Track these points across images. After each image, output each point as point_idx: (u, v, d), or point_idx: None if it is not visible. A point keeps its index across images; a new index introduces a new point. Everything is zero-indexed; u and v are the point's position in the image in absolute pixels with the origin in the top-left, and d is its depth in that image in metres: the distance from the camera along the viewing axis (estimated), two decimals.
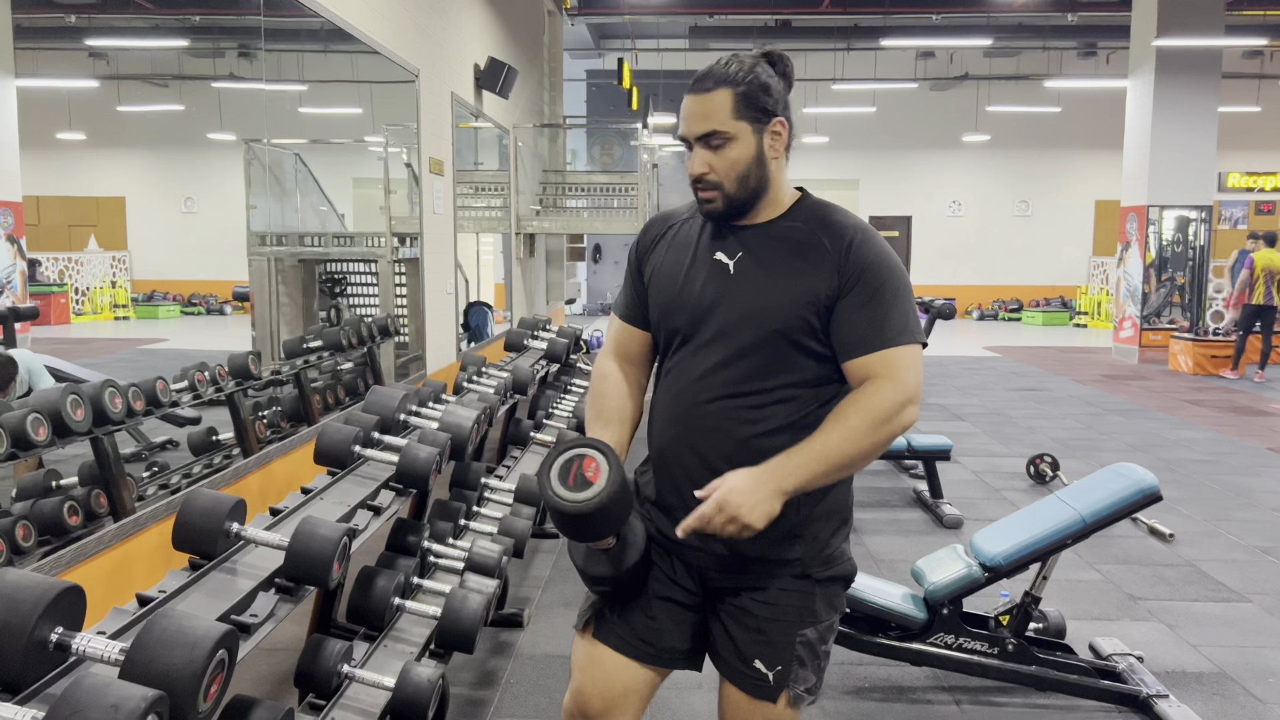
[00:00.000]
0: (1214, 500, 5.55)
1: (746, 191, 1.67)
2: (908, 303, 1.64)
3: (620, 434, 1.80)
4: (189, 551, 2.09)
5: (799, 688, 1.69)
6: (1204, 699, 3.11)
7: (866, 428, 1.58)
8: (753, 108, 1.64)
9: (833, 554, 1.72)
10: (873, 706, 3.06)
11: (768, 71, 1.67)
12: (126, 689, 1.29)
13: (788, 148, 1.70)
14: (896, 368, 1.61)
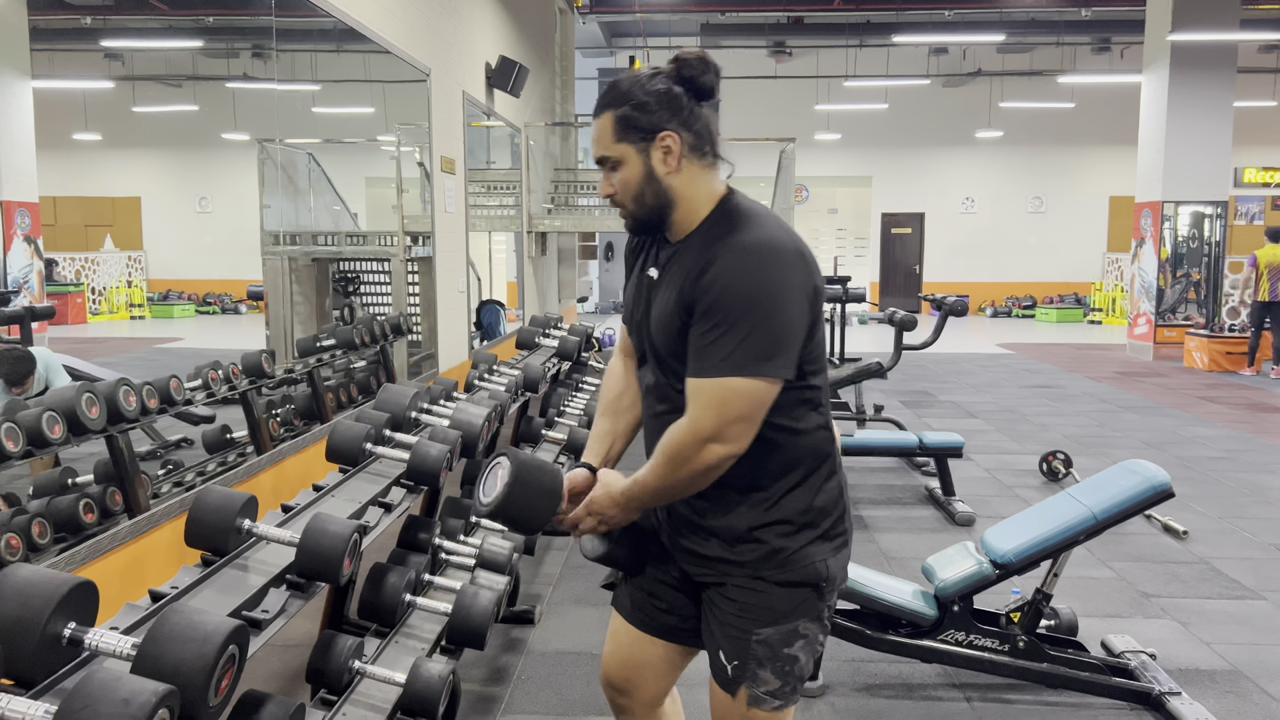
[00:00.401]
0: (1229, 498, 5.51)
1: (646, 209, 1.68)
2: (748, 332, 1.54)
3: (615, 424, 1.90)
4: (201, 548, 2.10)
5: (758, 689, 1.70)
6: (1217, 697, 3.10)
7: (665, 466, 1.63)
8: (633, 129, 1.63)
9: (789, 559, 1.68)
10: (883, 704, 3.06)
11: (654, 85, 1.63)
12: (137, 683, 1.31)
13: (701, 154, 1.66)
14: (703, 402, 1.58)
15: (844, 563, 1.77)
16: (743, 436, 1.58)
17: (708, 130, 1.67)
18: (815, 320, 1.64)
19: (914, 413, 8.14)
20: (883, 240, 19.31)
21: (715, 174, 1.70)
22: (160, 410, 3.64)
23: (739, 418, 1.56)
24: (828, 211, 19.68)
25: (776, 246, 1.58)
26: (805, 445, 1.70)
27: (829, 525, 1.72)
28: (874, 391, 8.73)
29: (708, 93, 1.66)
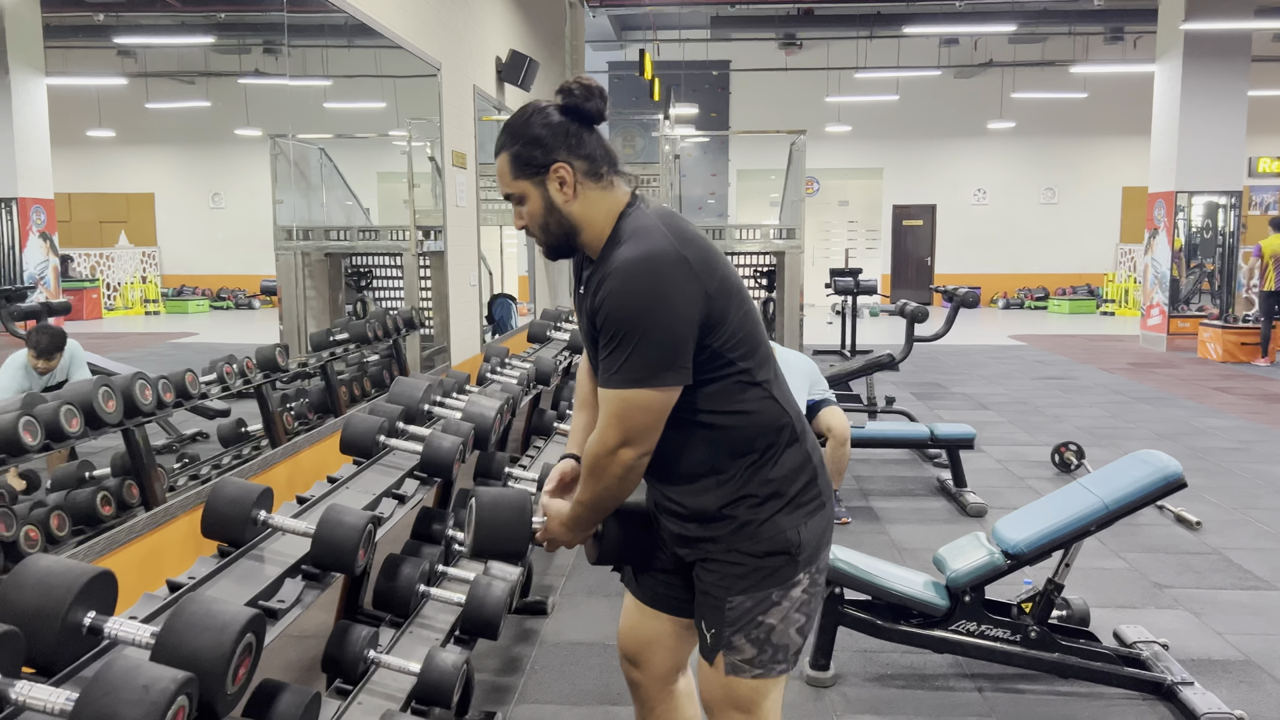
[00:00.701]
0: (1243, 488, 5.49)
1: (554, 237, 1.77)
2: (634, 347, 1.61)
3: (591, 417, 1.97)
4: (217, 539, 2.13)
5: (735, 656, 1.78)
6: (1230, 687, 3.10)
7: (590, 479, 1.75)
8: (527, 165, 1.71)
9: (758, 530, 1.75)
10: (895, 693, 3.07)
11: (542, 121, 1.70)
12: (157, 670, 1.33)
13: (597, 177, 1.72)
14: (607, 413, 1.68)
15: (818, 529, 1.79)
16: (648, 438, 1.68)
17: (600, 153, 1.73)
18: (722, 313, 1.68)
19: (926, 404, 8.13)
20: (894, 232, 19.25)
21: (615, 193, 1.76)
22: (176, 404, 3.66)
23: (641, 425, 1.66)
24: (838, 204, 19.63)
25: (655, 260, 1.62)
26: (755, 423, 1.75)
27: (795, 493, 1.77)
28: (885, 383, 8.72)
29: (595, 118, 1.72)
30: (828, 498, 1.83)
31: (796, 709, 2.96)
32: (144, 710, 1.27)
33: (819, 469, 1.82)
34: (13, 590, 1.46)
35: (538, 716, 2.91)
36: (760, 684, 1.80)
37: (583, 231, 1.74)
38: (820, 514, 1.81)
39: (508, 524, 1.87)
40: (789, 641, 1.79)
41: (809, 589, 1.80)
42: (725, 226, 9.57)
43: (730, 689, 1.81)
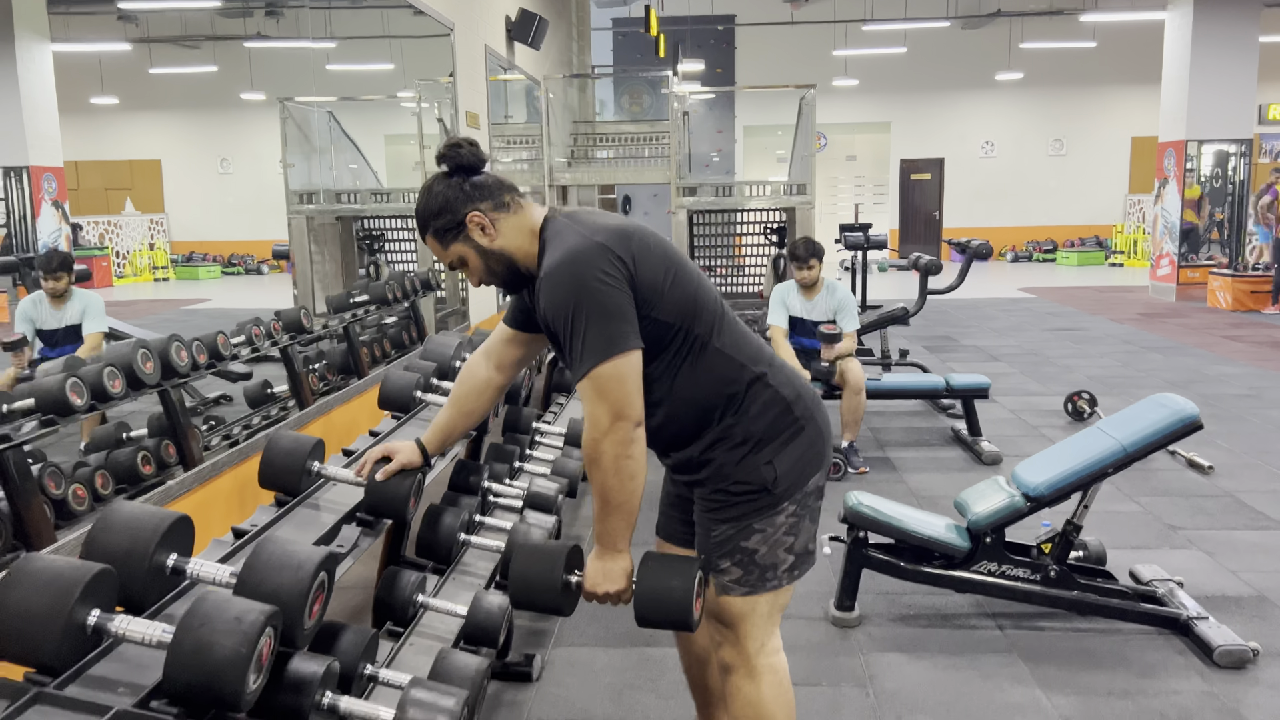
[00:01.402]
0: (1254, 434, 5.57)
1: (502, 274, 1.92)
2: (583, 332, 1.73)
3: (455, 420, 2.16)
4: (273, 489, 2.22)
5: (723, 579, 1.92)
6: (1244, 621, 3.19)
7: (596, 474, 1.81)
8: (448, 231, 1.86)
9: (735, 469, 1.88)
10: (918, 632, 3.17)
11: (439, 190, 1.85)
12: (246, 604, 1.42)
13: (504, 207, 1.86)
14: (588, 399, 1.78)
15: (795, 457, 1.89)
16: (632, 404, 1.76)
17: (496, 187, 1.87)
18: (651, 280, 1.79)
19: (938, 357, 8.19)
20: (902, 187, 19.18)
21: (527, 212, 1.89)
22: (209, 365, 3.74)
23: (620, 394, 1.75)
24: (846, 159, 19.55)
25: (571, 254, 1.76)
26: (715, 383, 1.88)
27: (765, 432, 1.88)
28: (897, 337, 8.77)
29: (477, 165, 1.86)
30: (807, 420, 1.91)
31: (823, 648, 3.07)
32: (237, 640, 1.36)
33: (794, 398, 1.91)
34: (102, 533, 1.55)
35: (574, 658, 3.02)
36: (750, 600, 1.92)
37: (517, 257, 1.89)
38: (797, 441, 1.89)
39: (538, 576, 1.91)
40: (777, 560, 1.91)
41: (795, 513, 1.92)
42: (735, 183, 9.59)
43: (722, 607, 1.94)
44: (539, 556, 1.92)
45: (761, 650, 1.95)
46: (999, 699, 2.74)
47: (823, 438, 1.95)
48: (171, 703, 1.37)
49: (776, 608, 1.97)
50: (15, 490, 2.83)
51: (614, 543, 1.85)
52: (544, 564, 1.90)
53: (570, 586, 1.90)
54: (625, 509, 1.82)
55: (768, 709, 1.93)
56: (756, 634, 1.94)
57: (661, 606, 1.83)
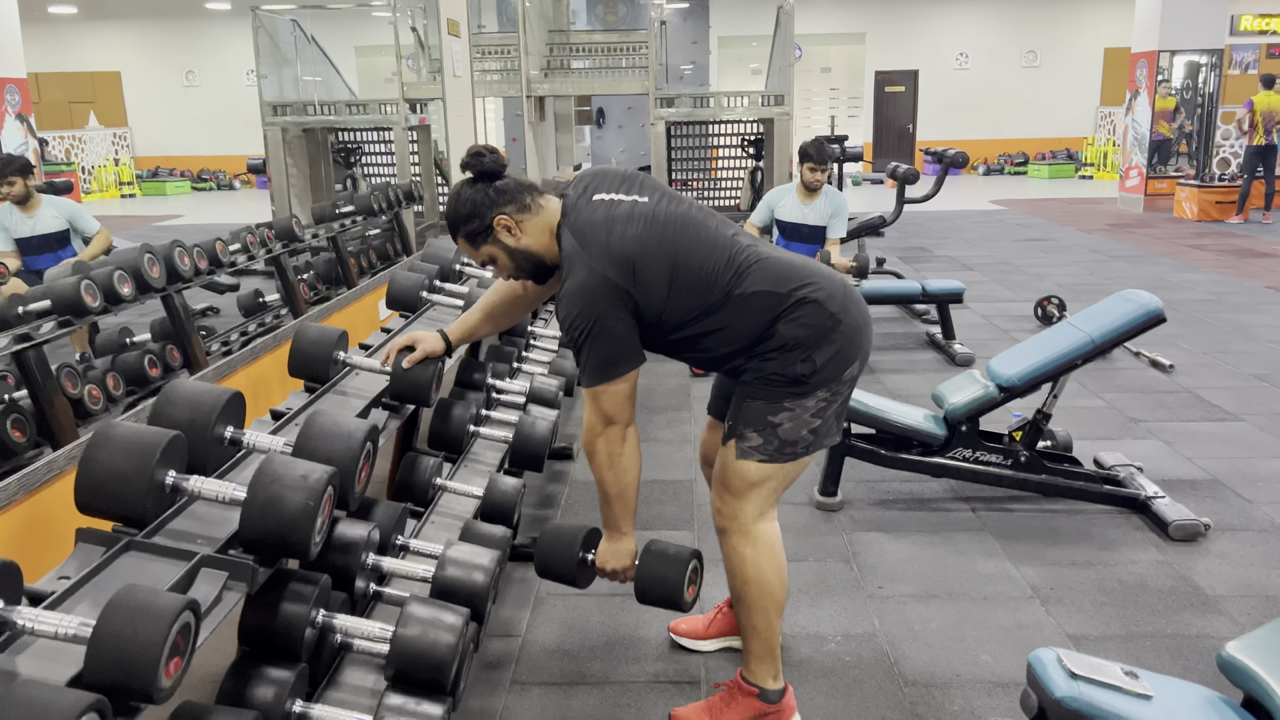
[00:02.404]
0: (1214, 335, 5.82)
1: (529, 269, 2.09)
2: (588, 354, 1.97)
3: (482, 323, 2.39)
4: (302, 377, 2.35)
5: (744, 444, 2.10)
6: (1198, 500, 3.44)
7: (596, 469, 2.08)
8: (478, 235, 2.04)
9: (777, 371, 2.05)
10: (897, 514, 3.40)
11: (468, 198, 2.01)
12: (309, 464, 1.57)
13: (525, 208, 2.02)
14: (587, 406, 2.04)
15: (832, 352, 2.04)
16: (622, 414, 2.02)
17: (516, 191, 2.03)
18: (651, 296, 1.97)
19: (912, 267, 8.37)
20: (876, 99, 19.13)
21: (546, 210, 2.05)
22: (210, 271, 3.82)
23: (611, 408, 2.00)
24: (820, 71, 19.42)
25: (580, 290, 1.94)
26: (751, 314, 2.03)
27: (805, 333, 2.03)
28: (874, 247, 8.93)
29: (498, 171, 2.02)
30: (843, 314, 2.05)
31: (809, 529, 3.28)
32: (305, 494, 1.51)
33: (827, 298, 2.04)
34: (167, 406, 1.68)
35: None
36: (765, 468, 2.09)
37: (542, 254, 2.06)
38: (834, 336, 2.03)
39: (558, 553, 2.19)
40: (799, 438, 2.08)
41: (826, 399, 2.07)
42: (711, 94, 9.57)
43: (736, 471, 2.11)
44: (560, 537, 2.20)
45: (760, 517, 2.14)
46: (971, 570, 2.97)
47: (859, 330, 2.09)
48: (247, 550, 1.53)
49: (785, 482, 2.15)
50: (38, 388, 2.94)
51: (617, 526, 2.14)
52: (565, 541, 2.19)
53: (586, 563, 2.18)
54: (622, 498, 2.09)
55: (762, 566, 2.12)
56: (759, 502, 2.12)
57: (657, 589, 2.13)
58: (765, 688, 2.18)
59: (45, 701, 1.02)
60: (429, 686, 1.66)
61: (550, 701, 2.34)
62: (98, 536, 1.49)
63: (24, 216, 4.78)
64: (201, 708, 1.43)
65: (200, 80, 18.26)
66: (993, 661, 2.48)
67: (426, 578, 1.92)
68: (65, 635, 1.19)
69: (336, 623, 1.71)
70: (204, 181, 18.02)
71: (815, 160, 5.05)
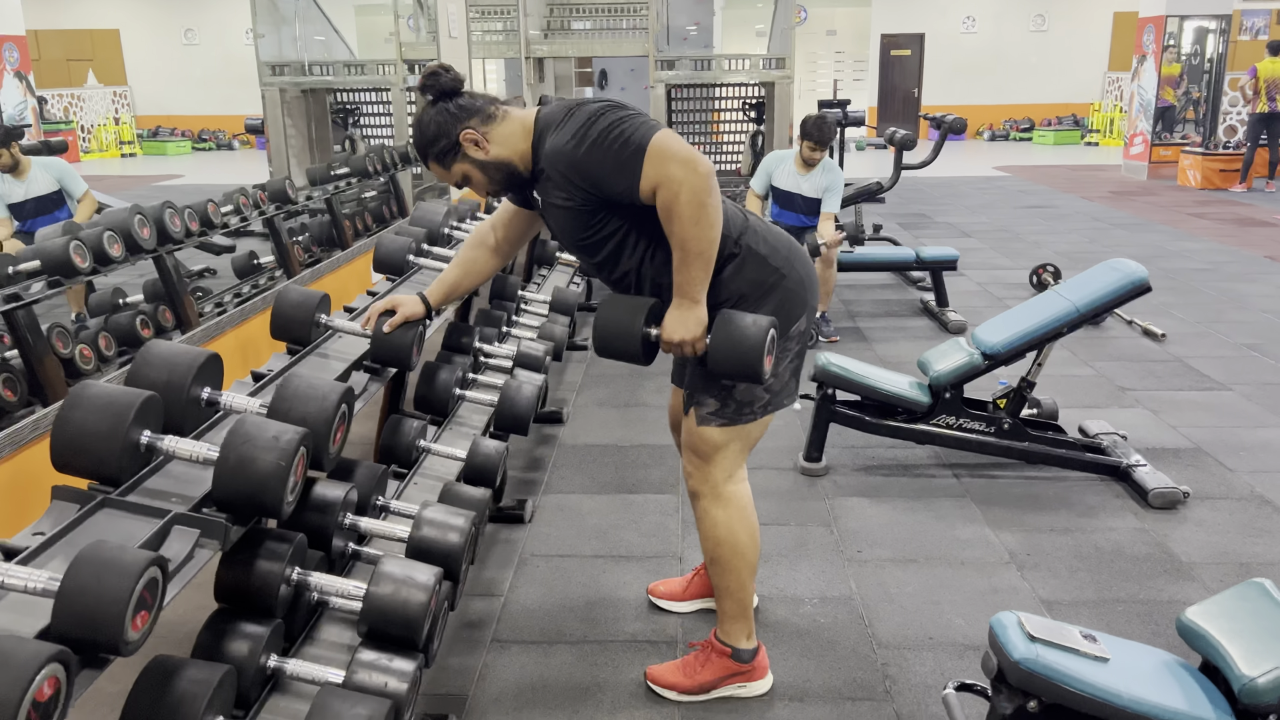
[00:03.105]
0: (1208, 304, 5.82)
1: (502, 181, 2.05)
2: (622, 128, 1.86)
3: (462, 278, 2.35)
4: (285, 339, 2.37)
5: (703, 410, 2.12)
6: (1180, 469, 3.47)
7: (671, 227, 1.91)
8: (446, 154, 2.01)
9: None
10: (880, 480, 3.43)
11: (429, 119, 1.99)
12: (281, 425, 1.59)
13: (491, 117, 1.99)
14: (657, 168, 1.86)
15: (777, 301, 2.05)
16: (697, 154, 1.87)
17: (480, 102, 2.00)
18: None
19: (911, 233, 8.35)
20: (881, 63, 18.94)
21: (514, 116, 2.02)
22: (201, 232, 3.83)
23: (681, 147, 1.87)
24: (826, 34, 19.21)
25: (589, 104, 1.93)
26: None
27: (747, 286, 2.04)
28: (871, 214, 8.90)
29: (456, 87, 1.99)
30: (787, 269, 2.07)
31: (792, 494, 3.32)
32: (277, 454, 1.53)
33: (770, 252, 2.06)
34: (143, 366, 1.71)
35: (563, 504, 3.25)
36: (725, 431, 2.12)
37: (515, 161, 2.02)
38: (777, 290, 2.06)
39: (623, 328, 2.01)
40: (754, 397, 2.11)
41: (776, 357, 2.08)
42: (714, 56, 9.50)
43: (700, 436, 2.14)
44: (622, 307, 2.02)
45: (729, 479, 2.17)
46: (950, 535, 3.01)
47: (804, 284, 2.11)
48: (220, 509, 1.56)
49: (749, 443, 2.18)
50: (28, 348, 2.97)
51: (692, 292, 1.96)
52: (626, 314, 2.01)
53: (650, 338, 2.01)
54: (704, 258, 1.93)
55: (734, 527, 2.15)
56: (726, 464, 2.15)
57: (735, 354, 1.93)
58: (738, 647, 2.22)
59: (8, 651, 1.05)
60: (401, 643, 1.70)
61: (529, 659, 2.39)
62: (73, 494, 1.52)
63: (16, 182, 4.79)
64: (175, 660, 1.47)
65: (199, 38, 18.12)
66: (965, 625, 2.52)
67: (404, 538, 1.95)
68: (35, 589, 1.22)
69: (312, 580, 1.75)
70: (204, 141, 17.94)
71: (816, 140, 4.99)
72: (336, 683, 1.62)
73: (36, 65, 13.73)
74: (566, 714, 2.18)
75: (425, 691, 2.23)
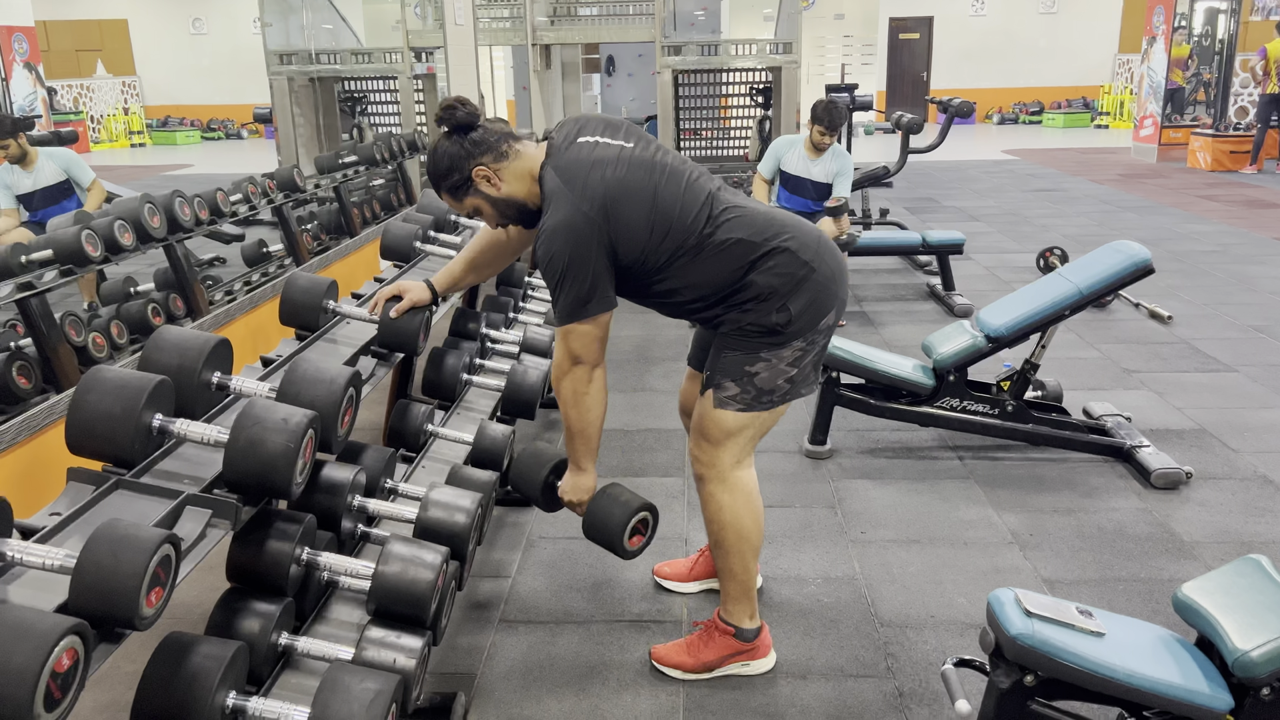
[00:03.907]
0: (1216, 287, 5.81)
1: (513, 216, 2.11)
2: (565, 289, 1.97)
3: (466, 272, 2.45)
4: (293, 325, 2.41)
5: (722, 394, 2.15)
6: (1183, 449, 3.48)
7: (562, 406, 2.12)
8: (459, 188, 2.06)
9: (752, 321, 2.09)
10: (884, 463, 3.45)
11: (445, 152, 2.03)
12: (290, 408, 1.63)
13: (503, 155, 2.04)
14: (557, 346, 2.06)
15: (807, 300, 2.07)
16: (591, 355, 2.04)
17: (494, 139, 2.04)
18: (631, 240, 1.99)
19: (919, 218, 8.34)
20: (890, 47, 18.86)
21: (525, 155, 2.06)
22: (211, 221, 3.88)
23: (581, 348, 2.03)
24: (834, 17, 19.09)
25: (562, 227, 1.96)
26: (724, 263, 2.06)
27: (779, 282, 2.06)
28: (879, 199, 8.90)
29: (472, 123, 2.03)
30: (817, 263, 2.08)
31: (797, 477, 3.35)
32: (287, 436, 1.57)
33: (799, 247, 2.07)
34: (154, 351, 1.75)
35: None
36: (741, 417, 2.14)
37: (525, 199, 2.08)
38: (807, 285, 2.07)
39: (529, 478, 2.29)
40: (775, 387, 2.13)
41: (802, 348, 2.11)
42: (720, 42, 9.48)
43: (713, 420, 2.16)
44: (533, 460, 2.29)
45: (737, 464, 2.19)
46: (954, 516, 3.03)
47: (834, 279, 2.12)
48: (230, 490, 1.59)
49: (761, 430, 2.20)
50: (41, 336, 3.01)
51: (578, 462, 2.19)
52: (535, 466, 2.28)
53: (553, 488, 2.27)
54: (584, 435, 2.14)
55: (739, 511, 2.18)
56: (736, 450, 2.18)
57: (600, 529, 2.20)
58: (741, 627, 2.26)
59: (29, 624, 1.09)
60: (409, 621, 1.74)
61: (536, 639, 2.42)
62: (88, 476, 1.56)
63: (24, 173, 4.83)
64: (189, 637, 1.51)
65: (207, 28, 18.16)
66: (967, 604, 2.55)
67: (413, 520, 1.99)
68: (52, 566, 1.26)
69: (321, 560, 1.79)
70: (213, 131, 18.00)
71: (826, 125, 4.99)
72: (346, 659, 1.66)
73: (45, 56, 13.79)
74: (573, 692, 2.22)
75: (435, 670, 2.27)
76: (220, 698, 1.47)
